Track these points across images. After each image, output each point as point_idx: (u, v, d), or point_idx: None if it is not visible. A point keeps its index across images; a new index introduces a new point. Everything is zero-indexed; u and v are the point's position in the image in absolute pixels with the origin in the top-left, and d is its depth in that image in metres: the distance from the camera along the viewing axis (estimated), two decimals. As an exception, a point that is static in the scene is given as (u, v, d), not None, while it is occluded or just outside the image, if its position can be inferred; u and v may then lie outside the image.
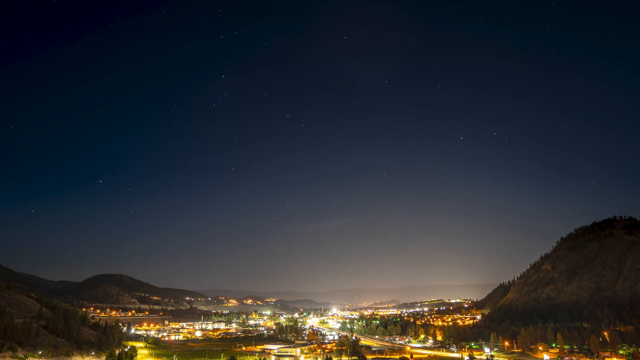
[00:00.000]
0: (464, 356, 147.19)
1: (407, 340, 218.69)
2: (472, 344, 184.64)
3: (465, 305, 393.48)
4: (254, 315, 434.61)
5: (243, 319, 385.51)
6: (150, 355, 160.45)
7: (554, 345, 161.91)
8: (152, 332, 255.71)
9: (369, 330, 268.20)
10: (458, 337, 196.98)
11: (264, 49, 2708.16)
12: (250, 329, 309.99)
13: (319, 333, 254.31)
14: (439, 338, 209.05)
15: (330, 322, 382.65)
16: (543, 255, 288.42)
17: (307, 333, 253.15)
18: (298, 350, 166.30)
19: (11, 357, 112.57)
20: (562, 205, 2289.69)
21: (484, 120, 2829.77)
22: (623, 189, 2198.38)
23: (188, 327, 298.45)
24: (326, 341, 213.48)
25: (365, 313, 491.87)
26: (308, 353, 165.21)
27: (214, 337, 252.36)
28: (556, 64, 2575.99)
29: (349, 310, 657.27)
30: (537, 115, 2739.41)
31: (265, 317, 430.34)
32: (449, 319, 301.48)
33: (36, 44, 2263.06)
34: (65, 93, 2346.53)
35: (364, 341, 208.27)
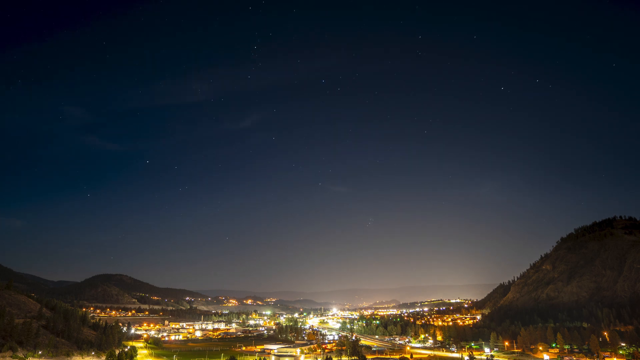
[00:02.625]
0: (464, 356, 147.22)
1: (407, 340, 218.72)
2: (472, 344, 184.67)
3: (465, 305, 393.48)
4: (254, 315, 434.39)
5: (243, 319, 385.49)
6: (150, 355, 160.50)
7: (554, 345, 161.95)
8: (152, 332, 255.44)
9: (369, 330, 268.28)
10: (458, 337, 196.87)
11: (292, 16, 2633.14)
12: (250, 329, 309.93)
13: (319, 333, 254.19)
14: (439, 338, 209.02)
15: (330, 322, 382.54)
16: (543, 255, 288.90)
17: (307, 333, 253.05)
18: (298, 350, 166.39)
19: (11, 357, 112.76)
20: (562, 205, 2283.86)
21: (483, 122, 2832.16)
22: (623, 189, 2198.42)
23: (188, 327, 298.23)
24: (326, 341, 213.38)
25: (365, 313, 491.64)
26: (308, 353, 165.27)
27: (214, 337, 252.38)
28: (556, 66, 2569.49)
29: (349, 310, 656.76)
30: (537, 116, 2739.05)
31: (265, 317, 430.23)
32: (449, 319, 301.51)
33: (66, 27, 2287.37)
34: (97, 74, 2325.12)
35: (364, 341, 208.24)
